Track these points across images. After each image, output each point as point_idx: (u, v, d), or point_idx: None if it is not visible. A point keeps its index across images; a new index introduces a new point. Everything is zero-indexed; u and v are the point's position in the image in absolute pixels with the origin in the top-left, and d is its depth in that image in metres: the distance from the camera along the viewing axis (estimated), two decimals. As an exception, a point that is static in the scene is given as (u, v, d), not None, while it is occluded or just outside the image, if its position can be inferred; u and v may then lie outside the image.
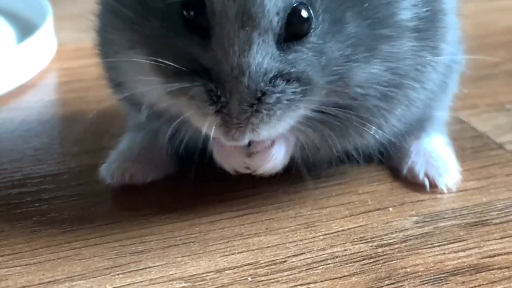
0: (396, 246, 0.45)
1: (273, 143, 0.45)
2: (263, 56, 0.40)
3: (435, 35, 0.46)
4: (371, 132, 0.46)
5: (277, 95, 0.41)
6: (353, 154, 0.49)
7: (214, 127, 0.41)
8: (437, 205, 0.49)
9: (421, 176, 0.52)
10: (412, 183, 0.52)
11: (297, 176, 0.48)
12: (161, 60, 0.41)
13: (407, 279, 0.43)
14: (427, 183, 0.51)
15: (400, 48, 0.44)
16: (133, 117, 0.53)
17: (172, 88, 0.41)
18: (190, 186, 0.51)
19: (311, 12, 0.41)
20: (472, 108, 0.62)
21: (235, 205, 0.49)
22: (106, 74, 0.50)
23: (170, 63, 0.41)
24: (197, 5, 0.41)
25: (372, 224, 0.47)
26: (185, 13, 0.41)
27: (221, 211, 0.49)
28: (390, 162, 0.53)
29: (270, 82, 0.41)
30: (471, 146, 0.56)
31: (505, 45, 0.77)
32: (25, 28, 0.76)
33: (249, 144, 0.45)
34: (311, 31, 0.41)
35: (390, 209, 0.49)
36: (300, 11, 0.41)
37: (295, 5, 0.41)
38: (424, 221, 0.48)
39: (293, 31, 0.41)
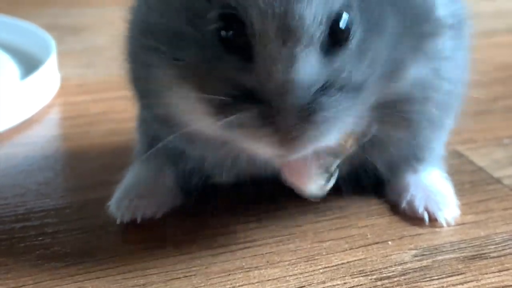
0: (395, 279, 0.46)
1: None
2: (309, 69, 0.39)
3: (464, 37, 0.47)
4: (412, 132, 0.47)
5: (328, 105, 0.40)
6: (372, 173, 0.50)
7: (273, 147, 0.41)
8: (435, 238, 0.50)
9: (421, 210, 0.52)
10: (411, 217, 0.52)
11: (297, 209, 0.49)
12: (206, 95, 0.41)
13: (406, 312, 0.43)
14: (426, 217, 0.51)
15: (443, 47, 0.44)
16: (143, 147, 0.53)
17: (223, 123, 0.41)
18: (192, 219, 0.51)
19: (351, 15, 0.40)
20: (471, 142, 0.63)
21: (236, 238, 0.50)
22: (144, 107, 0.50)
23: (216, 96, 0.40)
24: (236, 26, 0.40)
25: (371, 258, 0.48)
26: (223, 33, 0.40)
27: (222, 244, 0.49)
28: (389, 196, 0.53)
29: (318, 94, 0.40)
30: (469, 180, 0.57)
31: (502, 80, 0.77)
32: (29, 64, 0.77)
33: None
34: (352, 34, 0.41)
35: (389, 242, 0.49)
36: (341, 17, 0.40)
37: (336, 12, 0.40)
38: (423, 255, 0.48)
39: (335, 38, 0.40)
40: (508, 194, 0.55)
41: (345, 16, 0.40)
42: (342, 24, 0.40)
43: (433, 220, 0.51)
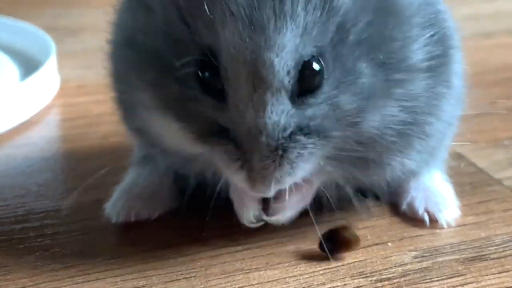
0: (395, 280, 0.46)
1: (291, 193, 0.45)
2: (278, 115, 0.41)
3: (447, 70, 0.46)
4: (391, 167, 0.47)
5: (298, 150, 0.42)
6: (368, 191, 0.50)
7: (243, 183, 0.43)
8: (435, 240, 0.50)
9: (421, 211, 0.52)
10: (411, 218, 0.52)
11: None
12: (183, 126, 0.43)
13: (406, 313, 0.43)
14: (427, 218, 0.51)
15: (414, 90, 0.44)
16: (141, 151, 0.53)
17: (196, 152, 0.43)
18: (191, 221, 0.51)
19: (322, 63, 0.41)
20: (471, 144, 0.63)
21: (236, 239, 0.50)
22: (123, 116, 0.51)
23: (191, 132, 0.43)
24: (211, 68, 0.41)
25: (371, 259, 0.48)
26: (200, 74, 0.42)
27: (222, 245, 0.49)
28: (389, 197, 0.53)
29: (289, 138, 0.41)
30: (469, 181, 0.57)
31: (503, 82, 0.77)
32: (28, 65, 0.77)
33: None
34: (323, 81, 0.41)
35: (389, 244, 0.49)
36: (312, 65, 0.41)
37: (306, 59, 0.41)
38: (423, 256, 0.48)
39: (305, 85, 0.41)
40: (508, 195, 0.55)
41: (315, 63, 0.41)
42: (311, 72, 0.41)
43: (433, 222, 0.51)
